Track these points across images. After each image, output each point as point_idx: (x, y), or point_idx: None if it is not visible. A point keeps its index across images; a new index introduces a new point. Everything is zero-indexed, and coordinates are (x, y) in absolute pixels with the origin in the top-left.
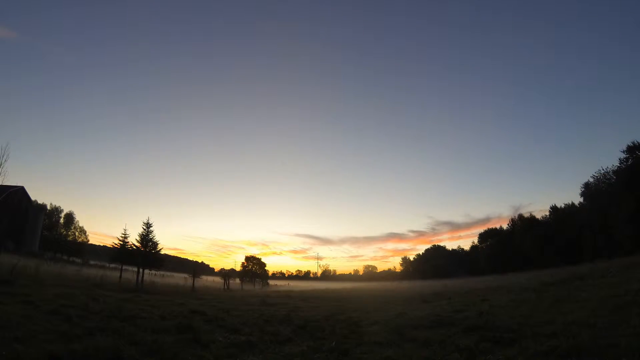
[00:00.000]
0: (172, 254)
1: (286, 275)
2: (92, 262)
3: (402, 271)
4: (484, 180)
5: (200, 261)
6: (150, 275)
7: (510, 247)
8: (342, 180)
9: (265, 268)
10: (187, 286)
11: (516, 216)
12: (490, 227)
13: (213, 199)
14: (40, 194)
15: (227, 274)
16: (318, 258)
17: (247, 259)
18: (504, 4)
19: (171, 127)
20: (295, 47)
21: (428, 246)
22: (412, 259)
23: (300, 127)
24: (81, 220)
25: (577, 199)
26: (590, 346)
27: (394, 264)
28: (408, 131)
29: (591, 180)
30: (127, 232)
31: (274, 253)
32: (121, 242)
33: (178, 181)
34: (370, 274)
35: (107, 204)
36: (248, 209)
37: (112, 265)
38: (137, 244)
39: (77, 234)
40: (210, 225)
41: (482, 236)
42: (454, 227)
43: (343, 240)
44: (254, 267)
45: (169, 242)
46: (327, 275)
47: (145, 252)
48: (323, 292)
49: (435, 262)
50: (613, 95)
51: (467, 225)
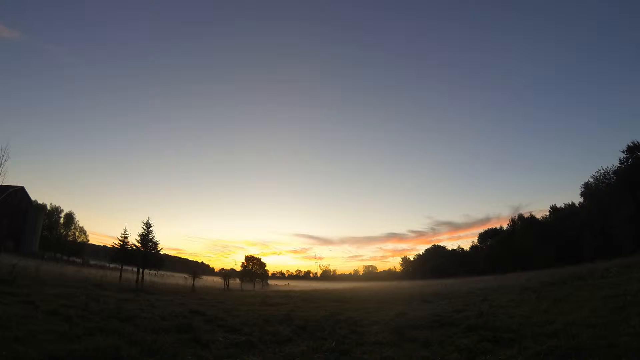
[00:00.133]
0: (172, 254)
1: (286, 275)
2: (92, 262)
3: (402, 271)
4: (483, 180)
5: (200, 261)
6: (150, 275)
7: (510, 247)
8: (342, 180)
9: (265, 268)
10: (187, 286)
11: (516, 216)
12: (490, 227)
13: (213, 199)
14: (40, 194)
15: (227, 274)
16: (318, 258)
17: (247, 259)
18: (504, 1)
19: (171, 127)
20: (296, 47)
21: (428, 246)
22: (412, 259)
23: (300, 127)
24: (81, 220)
25: (577, 199)
26: (590, 346)
27: (394, 264)
28: (408, 131)
29: (591, 180)
30: (127, 232)
31: (274, 253)
32: (121, 242)
33: (178, 181)
34: (370, 274)
35: (107, 204)
36: (248, 209)
37: (112, 265)
38: (137, 244)
39: (77, 234)
40: (210, 225)
41: (482, 236)
42: (454, 227)
43: (343, 240)
44: (254, 267)
45: (169, 242)
46: (327, 275)
47: (145, 252)
48: (323, 292)
49: (436, 262)
50: (613, 95)
51: (467, 226)
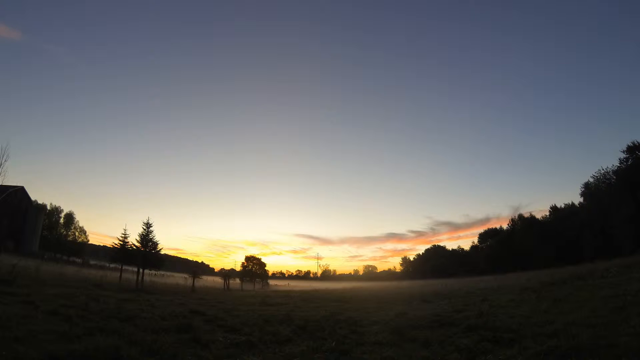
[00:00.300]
0: (172, 254)
1: (286, 275)
2: (92, 262)
3: (402, 271)
4: (483, 180)
5: (200, 261)
6: (150, 275)
7: (510, 247)
8: (342, 180)
9: (265, 268)
10: (187, 286)
11: (516, 216)
12: (490, 227)
13: (213, 199)
14: (40, 194)
15: (227, 274)
16: (318, 258)
17: (247, 259)
18: (504, 1)
19: (171, 127)
20: (296, 47)
21: (427, 246)
22: (412, 259)
23: (300, 127)
24: (81, 220)
25: (577, 199)
26: (590, 346)
27: (394, 264)
28: (408, 131)
29: (591, 180)
30: (127, 232)
31: (274, 253)
32: (121, 242)
33: (178, 181)
34: (370, 274)
35: (107, 204)
36: (248, 209)
37: (112, 265)
38: (137, 244)
39: (77, 234)
40: (210, 225)
41: (482, 236)
42: (454, 227)
43: (343, 240)
44: (254, 267)
45: (169, 242)
46: (327, 275)
47: (145, 252)
48: (323, 292)
49: (436, 262)
50: (613, 95)
51: (467, 226)
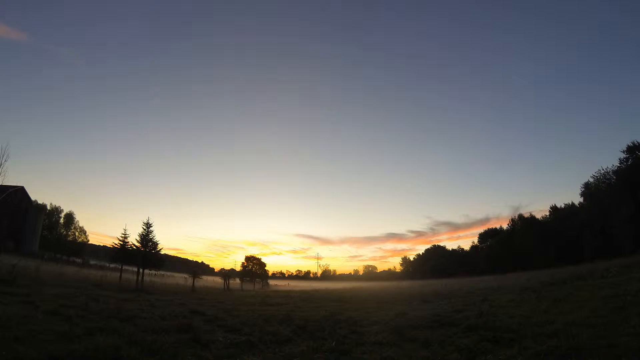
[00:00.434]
0: (172, 254)
1: (286, 275)
2: (92, 262)
3: (402, 271)
4: (483, 180)
5: (200, 261)
6: (150, 275)
7: (510, 247)
8: (342, 180)
9: (265, 268)
10: (187, 286)
11: (516, 216)
12: (489, 227)
13: (213, 199)
14: (40, 194)
15: (227, 274)
16: (318, 258)
17: (247, 259)
18: (504, 1)
19: (171, 127)
20: (296, 47)
21: (427, 246)
22: (412, 259)
23: (300, 127)
24: (81, 220)
25: (577, 199)
26: (590, 346)
27: (394, 264)
28: (408, 131)
29: (591, 180)
30: (127, 232)
31: (274, 253)
32: (121, 242)
33: (178, 181)
34: (370, 274)
35: (107, 204)
36: (248, 209)
37: (112, 266)
38: (137, 244)
39: (77, 234)
40: (210, 225)
41: (482, 236)
42: (453, 227)
43: (343, 240)
44: (254, 267)
45: (169, 242)
46: (327, 275)
47: (145, 252)
48: (323, 292)
49: (436, 262)
50: (613, 95)
51: (467, 226)
